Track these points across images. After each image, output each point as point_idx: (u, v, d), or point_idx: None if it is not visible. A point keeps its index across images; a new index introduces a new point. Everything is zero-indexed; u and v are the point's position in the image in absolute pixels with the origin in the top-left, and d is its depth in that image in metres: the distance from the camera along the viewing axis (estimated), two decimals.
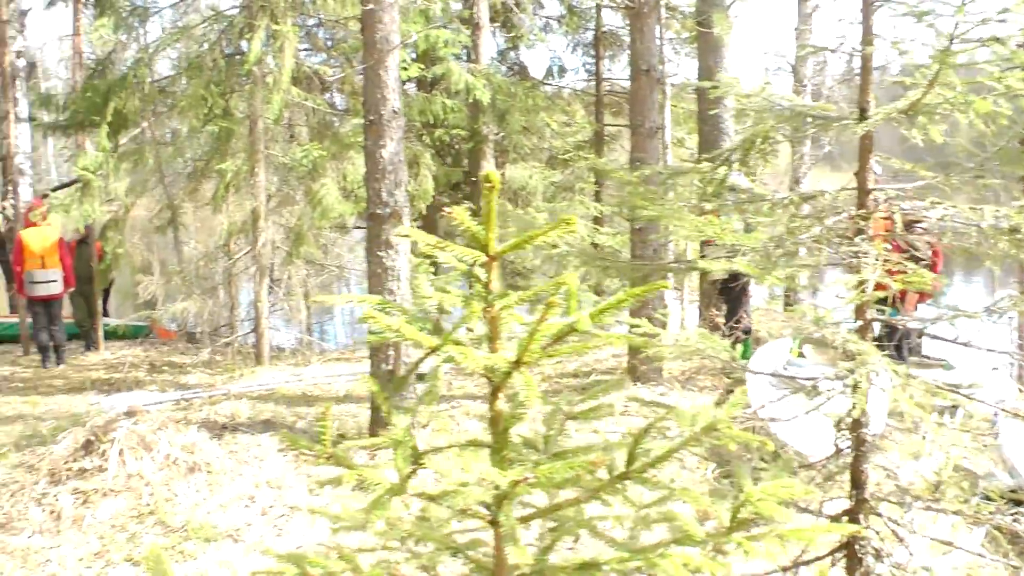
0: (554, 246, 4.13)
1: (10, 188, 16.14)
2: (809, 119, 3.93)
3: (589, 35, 16.40)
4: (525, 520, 2.44)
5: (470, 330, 2.38)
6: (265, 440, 6.88)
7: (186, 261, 14.36)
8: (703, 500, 2.35)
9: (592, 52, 16.44)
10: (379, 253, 6.79)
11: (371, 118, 6.83)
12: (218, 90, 10.73)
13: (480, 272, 2.32)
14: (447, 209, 2.47)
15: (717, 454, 5.35)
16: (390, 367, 6.77)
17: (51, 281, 11.47)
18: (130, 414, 6.72)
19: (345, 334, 17.61)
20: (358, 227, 14.67)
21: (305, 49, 13.33)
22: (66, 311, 12.15)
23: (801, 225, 3.87)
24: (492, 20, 13.94)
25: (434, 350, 2.29)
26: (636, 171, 4.38)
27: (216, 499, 6.03)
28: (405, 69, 10.71)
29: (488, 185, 2.18)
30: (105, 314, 13.64)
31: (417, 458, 2.37)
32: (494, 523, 2.35)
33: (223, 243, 11.95)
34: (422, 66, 11.45)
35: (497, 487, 2.21)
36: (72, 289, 11.93)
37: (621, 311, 2.30)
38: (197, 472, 6.29)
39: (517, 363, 2.21)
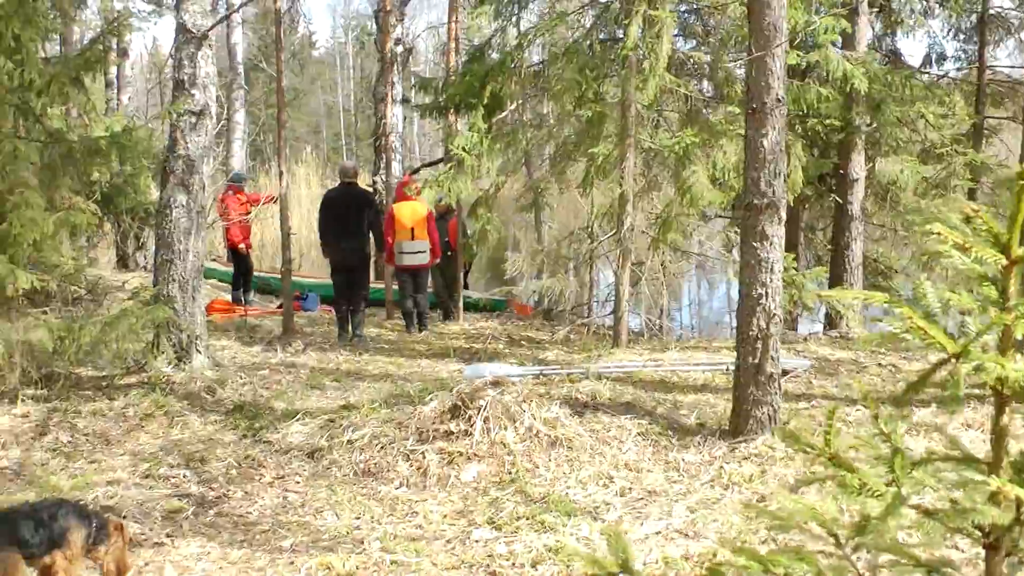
0: None
1: (383, 164, 17.28)
2: None
3: (971, 19, 15.21)
4: None
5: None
6: (626, 422, 6.87)
7: (546, 241, 14.74)
8: None
9: (974, 37, 15.26)
10: (753, 244, 6.59)
11: (753, 105, 6.63)
12: (592, 75, 10.87)
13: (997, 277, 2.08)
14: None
15: None
16: (756, 361, 6.56)
17: (419, 252, 12.10)
18: (496, 384, 6.92)
19: (693, 322, 17.46)
20: (719, 216, 14.48)
21: (676, 35, 13.25)
22: None
23: None
24: (870, 4, 13.25)
25: (956, 356, 2.08)
26: None
27: (575, 475, 6.08)
28: None
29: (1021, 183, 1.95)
30: (465, 287, 14.22)
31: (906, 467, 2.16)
32: (993, 547, 2.12)
33: (586, 225, 12.12)
34: (800, 53, 11.05)
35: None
36: (437, 261, 12.53)
37: None
38: (558, 447, 6.38)
39: None
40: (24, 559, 4.18)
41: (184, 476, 6.39)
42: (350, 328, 11.73)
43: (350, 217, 11.53)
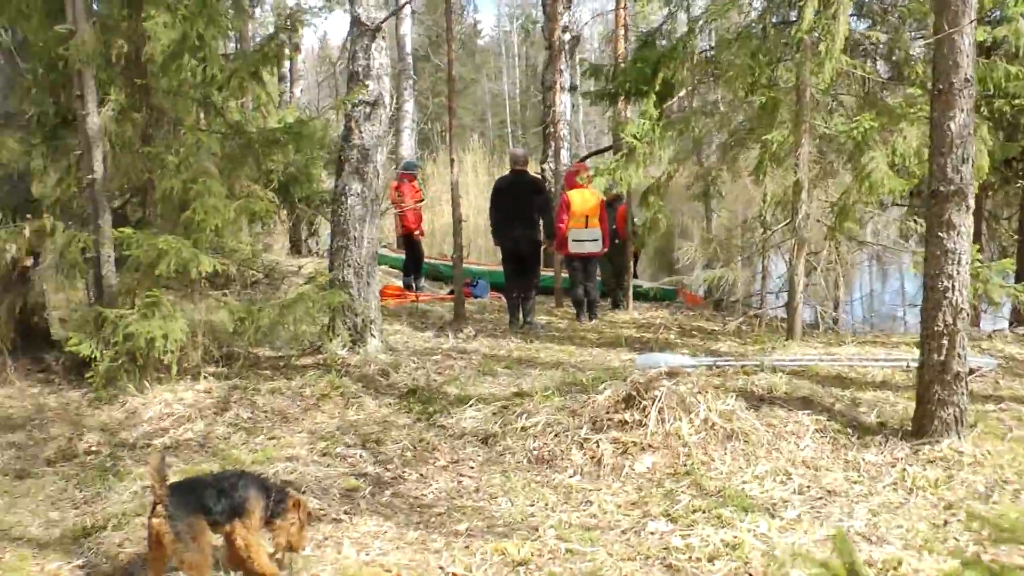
0: None
1: (551, 152, 17.33)
2: None
3: None
4: None
5: None
6: (803, 418, 6.67)
7: (716, 230, 14.52)
8: None
9: None
10: (939, 234, 6.30)
11: (940, 87, 6.33)
12: (764, 60, 10.63)
13: None
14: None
15: None
16: (941, 358, 6.29)
17: (591, 240, 12.08)
18: (671, 374, 6.84)
19: (865, 315, 16.93)
20: (896, 204, 13.99)
21: (851, 14, 12.82)
22: None
23: None
24: None
25: None
26: None
27: (751, 470, 5.95)
28: None
29: None
30: (634, 276, 14.14)
31: None
32: None
33: (759, 214, 11.88)
34: (986, 28, 10.53)
35: None
36: (607, 250, 12.48)
37: None
38: (734, 440, 6.26)
39: None
40: (208, 526, 4.35)
41: (360, 456, 6.54)
42: (520, 315, 11.81)
43: (521, 204, 11.59)
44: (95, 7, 8.52)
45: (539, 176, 16.30)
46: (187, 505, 4.27)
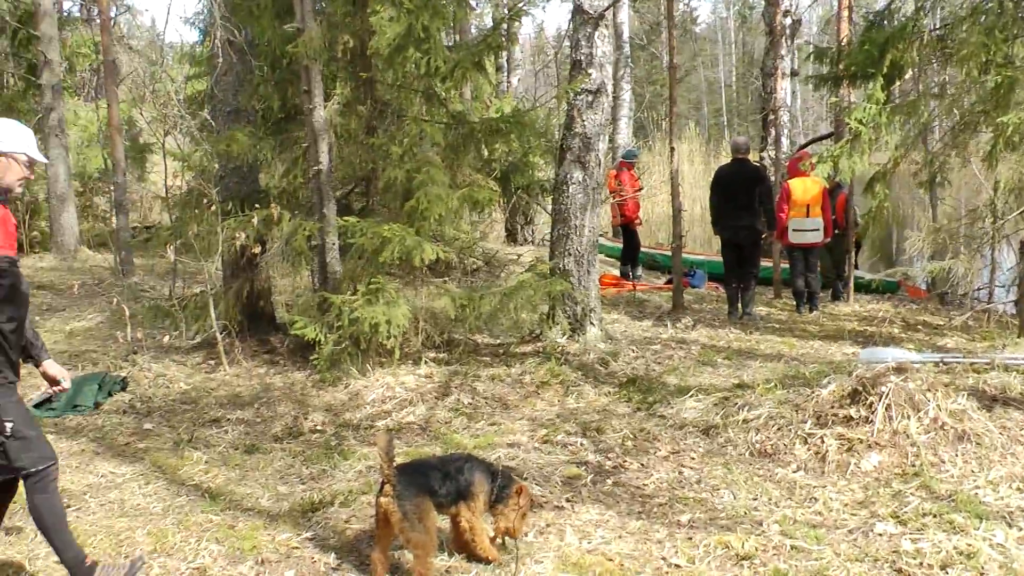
0: None
1: (771, 139, 17.02)
2: None
3: None
4: None
5: None
6: None
7: (941, 220, 13.92)
8: None
9: None
10: None
11: None
12: (1000, 36, 10.11)
13: None
14: None
15: None
16: None
17: (813, 230, 11.83)
18: (899, 370, 6.64)
19: None
20: None
21: None
22: None
23: None
24: None
25: None
26: None
27: (985, 475, 5.68)
28: None
29: None
30: (855, 267, 13.74)
31: None
32: None
33: (989, 202, 11.32)
34: None
35: None
36: (829, 240, 12.19)
37: None
38: (965, 442, 6.00)
39: None
40: (434, 507, 4.53)
41: (581, 444, 6.64)
42: (740, 306, 11.68)
43: (742, 193, 11.44)
44: (322, 5, 8.91)
45: (759, 164, 16.02)
46: (415, 486, 4.46)
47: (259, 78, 9.14)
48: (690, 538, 4.95)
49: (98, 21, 18.90)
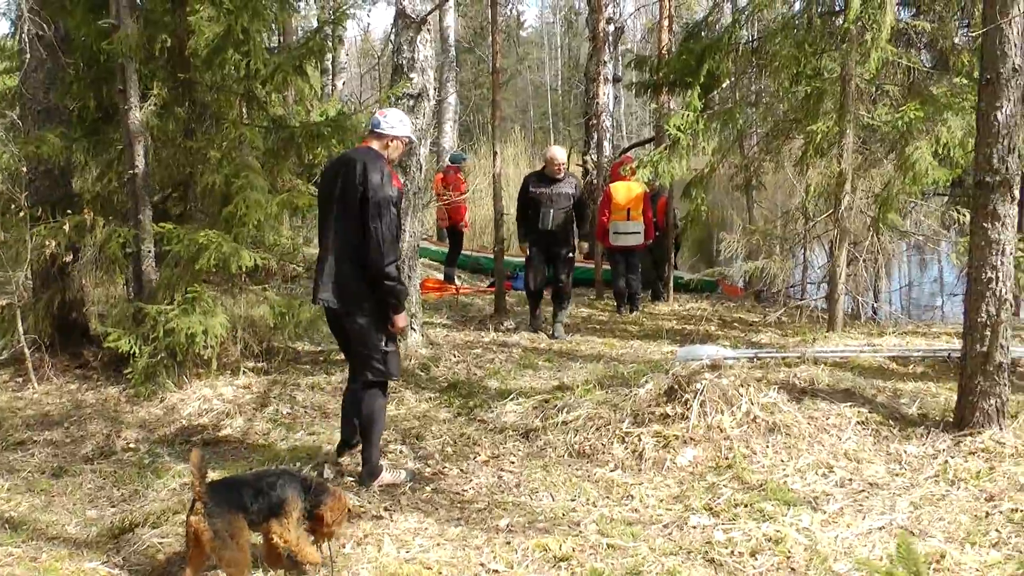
0: None
1: (594, 144, 17.31)
2: None
3: None
4: None
5: None
6: (845, 410, 6.60)
7: (757, 221, 14.42)
8: None
9: None
10: (983, 224, 6.23)
11: (987, 76, 6.25)
12: (810, 50, 10.56)
13: None
14: None
15: None
16: (984, 349, 6.22)
17: (634, 233, 12.06)
18: (713, 367, 6.82)
19: (903, 304, 16.68)
20: (937, 193, 13.79)
21: (896, 3, 12.67)
22: None
23: None
24: None
25: None
26: None
27: (793, 463, 5.92)
28: None
29: None
30: (675, 267, 14.09)
31: None
32: None
33: (801, 205, 11.78)
34: None
35: None
36: (650, 242, 12.46)
37: None
38: (776, 433, 6.23)
39: None
40: (248, 524, 4.38)
41: (401, 451, 6.58)
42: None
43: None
44: (139, 1, 8.58)
45: (580, 168, 16.26)
46: (226, 503, 4.30)
47: (73, 76, 8.70)
48: (508, 543, 4.95)
49: None
